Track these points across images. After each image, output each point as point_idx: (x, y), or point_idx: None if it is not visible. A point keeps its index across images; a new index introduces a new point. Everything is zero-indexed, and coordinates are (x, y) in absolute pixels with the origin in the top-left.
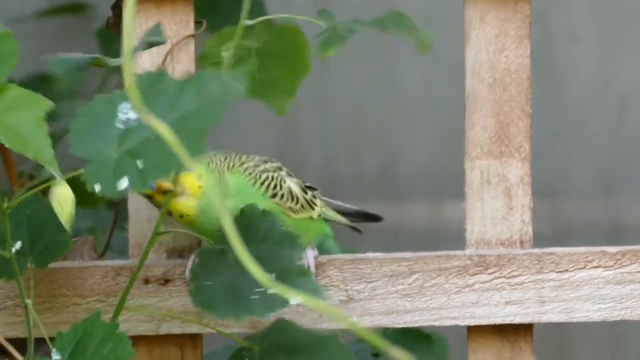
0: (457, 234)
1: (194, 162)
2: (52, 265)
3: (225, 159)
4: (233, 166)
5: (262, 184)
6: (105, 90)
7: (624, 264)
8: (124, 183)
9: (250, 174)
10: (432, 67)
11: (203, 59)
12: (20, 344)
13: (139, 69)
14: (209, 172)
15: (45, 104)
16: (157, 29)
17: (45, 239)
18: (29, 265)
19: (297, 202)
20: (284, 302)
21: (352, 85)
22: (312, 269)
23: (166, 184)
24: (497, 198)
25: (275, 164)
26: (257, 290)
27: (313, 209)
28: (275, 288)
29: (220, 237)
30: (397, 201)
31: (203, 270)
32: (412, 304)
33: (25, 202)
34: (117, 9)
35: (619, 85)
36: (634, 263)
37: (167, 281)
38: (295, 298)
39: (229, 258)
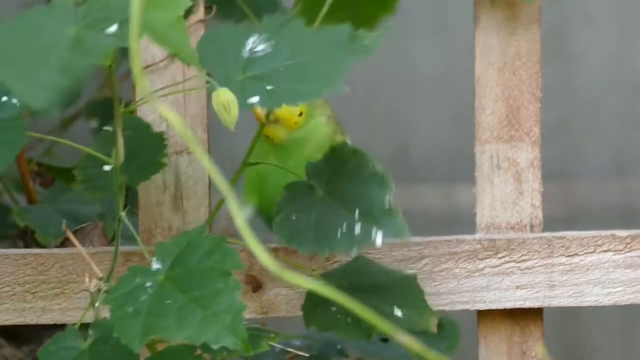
0: (471, 218)
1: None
2: (61, 250)
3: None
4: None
5: (342, 133)
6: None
7: (634, 247)
8: (254, 99)
9: (333, 121)
10: (445, 50)
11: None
12: (26, 332)
13: (149, 55)
14: (326, 121)
15: (182, 4)
16: None
17: (140, 159)
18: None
19: None
20: (369, 240)
21: (366, 68)
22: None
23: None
24: (507, 182)
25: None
26: (344, 225)
27: None
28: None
29: (310, 171)
30: (410, 184)
31: (289, 204)
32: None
33: (124, 123)
34: None
35: (632, 67)
36: None
37: None
38: (379, 241)
39: (316, 194)
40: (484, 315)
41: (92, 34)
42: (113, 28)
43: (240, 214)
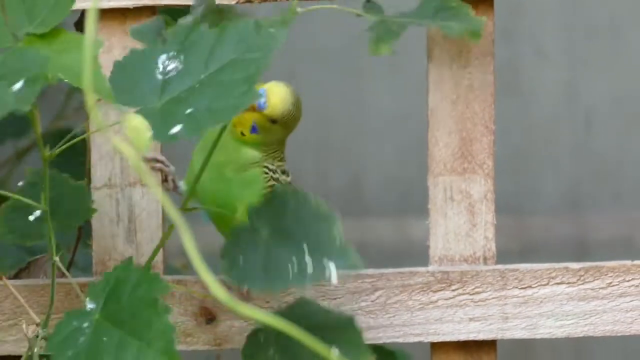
0: (423, 250)
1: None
2: (15, 282)
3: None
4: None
5: (267, 187)
6: (68, 108)
7: (587, 280)
8: (176, 129)
9: (266, 174)
10: (398, 83)
11: None
12: None
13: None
14: None
15: (95, 45)
16: None
17: (64, 207)
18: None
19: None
20: (322, 275)
21: (319, 103)
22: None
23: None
24: (460, 214)
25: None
26: (294, 263)
27: None
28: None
29: (253, 214)
30: (362, 217)
31: (235, 246)
32: (375, 320)
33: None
34: (81, 25)
35: (584, 101)
36: (597, 279)
37: None
38: (333, 276)
39: (261, 235)
40: (438, 348)
41: None
42: (18, 85)
43: (192, 247)
